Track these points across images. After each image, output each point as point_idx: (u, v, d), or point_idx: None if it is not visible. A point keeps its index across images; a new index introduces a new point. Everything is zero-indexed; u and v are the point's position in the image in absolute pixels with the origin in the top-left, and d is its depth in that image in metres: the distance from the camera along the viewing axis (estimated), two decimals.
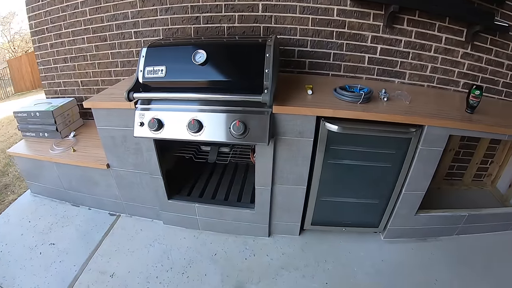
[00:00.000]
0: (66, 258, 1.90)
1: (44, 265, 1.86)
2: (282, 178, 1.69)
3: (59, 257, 1.91)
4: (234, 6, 1.93)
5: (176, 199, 1.89)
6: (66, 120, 2.35)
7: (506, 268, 1.86)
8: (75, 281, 1.75)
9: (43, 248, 1.99)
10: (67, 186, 2.24)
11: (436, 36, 2.02)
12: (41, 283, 1.73)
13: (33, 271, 1.82)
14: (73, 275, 1.78)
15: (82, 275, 1.78)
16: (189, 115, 1.54)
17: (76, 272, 1.80)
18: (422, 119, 1.60)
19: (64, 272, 1.80)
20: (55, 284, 1.73)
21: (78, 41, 2.34)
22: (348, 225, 1.92)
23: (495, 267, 1.86)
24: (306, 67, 2.03)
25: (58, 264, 1.86)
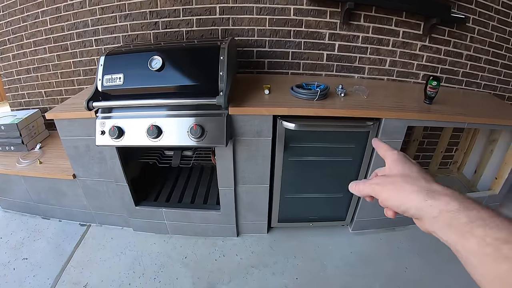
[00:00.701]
0: (39, 272, 1.88)
1: (18, 281, 1.83)
2: (244, 178, 1.71)
3: (33, 271, 1.89)
4: (192, 10, 1.94)
5: (143, 205, 1.89)
6: (32, 132, 2.32)
7: None
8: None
9: (16, 264, 1.96)
10: (36, 199, 2.21)
11: (393, 30, 2.08)
12: None
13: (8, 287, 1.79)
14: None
15: (56, 287, 1.77)
16: (148, 121, 1.54)
17: (50, 285, 1.78)
18: (379, 112, 1.64)
19: (39, 286, 1.78)
20: None
21: (40, 51, 2.31)
22: (315, 220, 1.95)
23: None
24: (266, 67, 2.06)
25: (32, 279, 1.83)
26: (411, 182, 0.40)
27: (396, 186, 0.41)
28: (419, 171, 0.42)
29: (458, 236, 0.33)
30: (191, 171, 2.18)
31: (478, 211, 0.33)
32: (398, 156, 0.46)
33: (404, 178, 0.41)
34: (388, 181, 0.43)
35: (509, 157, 2.08)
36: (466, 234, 0.32)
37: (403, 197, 0.40)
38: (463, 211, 0.33)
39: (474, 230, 0.31)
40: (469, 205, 0.34)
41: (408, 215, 0.40)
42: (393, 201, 0.41)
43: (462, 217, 0.33)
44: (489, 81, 2.38)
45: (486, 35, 2.20)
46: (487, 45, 2.24)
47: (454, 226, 0.33)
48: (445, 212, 0.34)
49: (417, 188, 0.39)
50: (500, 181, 2.17)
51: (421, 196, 0.38)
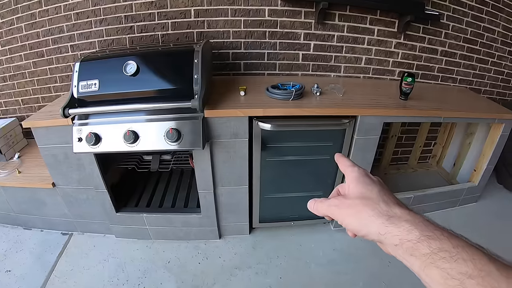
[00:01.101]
0: (23, 283, 1.84)
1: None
2: (223, 180, 1.72)
3: (17, 283, 1.85)
4: (167, 14, 1.94)
5: (124, 211, 1.88)
6: (10, 141, 2.28)
7: None
8: None
9: (0, 276, 1.93)
10: (16, 210, 2.17)
11: (368, 28, 2.11)
12: None
13: None
14: None
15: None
16: (125, 126, 1.54)
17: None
18: (354, 109, 1.67)
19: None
20: None
21: (15, 59, 2.27)
22: (296, 219, 1.97)
23: None
24: (242, 69, 2.07)
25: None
26: (371, 206, 0.38)
27: (355, 210, 0.39)
28: (379, 192, 0.40)
29: (421, 265, 0.32)
30: (171, 175, 2.17)
31: (440, 241, 0.32)
32: (358, 174, 0.44)
33: (364, 201, 0.39)
34: (346, 204, 0.41)
35: (487, 149, 2.13)
36: (429, 266, 0.31)
37: (362, 222, 0.38)
38: (424, 241, 0.32)
39: (437, 262, 0.30)
40: (431, 233, 0.33)
41: (369, 239, 0.39)
42: (353, 225, 0.40)
43: (424, 248, 0.32)
44: (464, 76, 2.43)
45: (460, 31, 2.26)
46: (461, 41, 2.30)
47: (416, 256, 0.32)
48: (406, 241, 0.33)
49: (377, 213, 0.37)
50: (479, 173, 2.22)
51: (381, 223, 0.36)
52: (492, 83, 2.54)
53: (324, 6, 1.89)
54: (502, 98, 2.63)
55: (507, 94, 2.65)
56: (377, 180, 0.43)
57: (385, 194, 0.40)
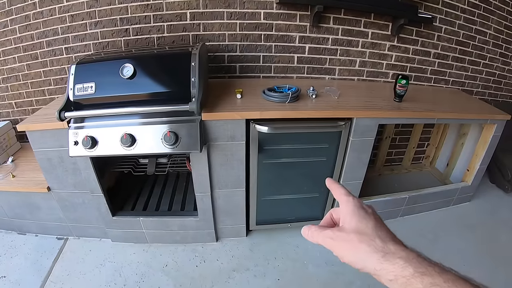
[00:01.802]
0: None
1: None
2: (220, 182, 1.72)
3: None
4: (162, 16, 1.94)
5: (121, 215, 1.87)
6: (3, 145, 2.25)
7: (453, 240, 2.03)
8: None
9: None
10: (11, 215, 2.14)
11: (362, 31, 2.13)
12: None
13: None
14: None
15: None
16: (121, 129, 1.53)
17: None
18: (350, 112, 1.69)
19: None
20: None
21: (9, 61, 2.24)
22: (293, 221, 1.98)
23: (442, 241, 2.01)
24: (237, 71, 2.08)
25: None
26: (367, 242, 0.40)
27: (351, 245, 0.41)
28: (374, 227, 0.41)
29: None
30: (167, 178, 2.16)
31: (432, 277, 0.33)
32: (353, 206, 0.44)
33: (360, 236, 0.40)
34: (342, 238, 0.42)
35: (479, 149, 2.17)
36: None
37: (358, 257, 0.40)
38: (418, 277, 0.34)
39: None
40: (424, 269, 0.34)
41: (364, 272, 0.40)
42: (348, 258, 0.41)
43: (417, 283, 0.34)
44: (457, 78, 2.47)
45: (453, 33, 2.30)
46: (454, 43, 2.34)
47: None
48: (401, 277, 0.35)
49: (372, 249, 0.39)
50: (471, 173, 2.26)
51: (377, 259, 0.38)
52: (484, 84, 2.59)
53: (319, 9, 1.91)
54: (494, 99, 2.68)
55: (499, 95, 2.70)
56: (372, 212, 0.44)
57: (380, 228, 0.41)
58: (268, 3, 1.94)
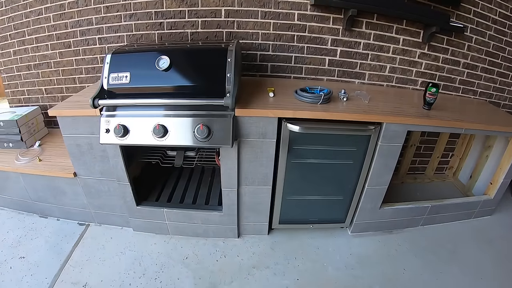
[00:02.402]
0: (37, 271, 1.85)
1: (15, 280, 1.80)
2: (247, 179, 1.73)
3: (30, 270, 1.86)
4: (197, 12, 1.96)
5: (145, 205, 1.89)
6: (31, 129, 2.29)
7: (472, 253, 1.99)
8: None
9: (13, 262, 1.93)
10: (34, 198, 2.19)
11: (394, 37, 2.12)
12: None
13: (4, 286, 1.76)
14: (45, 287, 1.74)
15: (54, 287, 1.74)
16: (154, 120, 1.55)
17: (48, 284, 1.76)
18: (380, 116, 1.68)
19: (36, 285, 1.76)
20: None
21: (42, 48, 2.29)
22: (315, 222, 1.97)
23: (461, 253, 1.98)
24: (268, 70, 2.09)
25: (29, 278, 1.81)
26: None
27: None
28: None
29: None
30: (192, 172, 2.18)
31: None
32: None
33: None
34: None
35: (504, 163, 2.14)
36: None
37: None
38: None
39: None
40: None
41: None
42: None
43: None
44: (485, 89, 2.44)
45: (483, 44, 2.27)
46: (483, 54, 2.31)
47: None
48: None
49: None
50: (495, 186, 2.23)
51: None
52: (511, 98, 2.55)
53: (353, 13, 1.91)
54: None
55: None
56: None
57: None
58: (303, 5, 1.95)
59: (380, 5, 1.97)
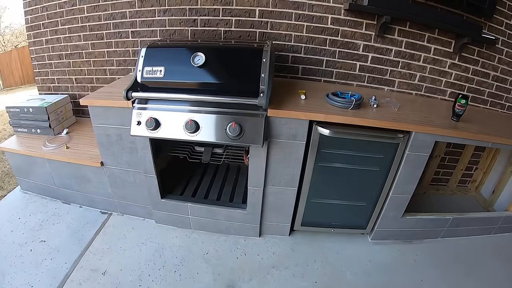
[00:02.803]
0: (57, 255, 1.89)
1: (34, 262, 1.84)
2: (274, 179, 1.74)
3: (50, 254, 1.90)
4: (231, 11, 1.98)
5: (169, 199, 1.91)
6: (60, 117, 2.34)
7: (490, 269, 1.96)
8: (67, 278, 1.74)
9: (34, 245, 1.97)
10: (58, 184, 2.23)
11: (425, 46, 2.11)
12: (32, 280, 1.72)
13: (24, 268, 1.81)
14: (64, 272, 1.78)
15: (73, 272, 1.78)
16: (186, 115, 1.57)
17: (67, 269, 1.80)
18: (410, 125, 1.67)
19: (56, 269, 1.80)
20: (46, 281, 1.72)
21: (74, 38, 2.34)
22: (337, 226, 1.97)
23: (479, 268, 1.95)
24: (299, 73, 2.09)
25: (49, 261, 1.85)
26: None
27: None
28: None
29: None
30: (217, 168, 2.20)
31: None
32: None
33: None
34: None
35: None
36: None
37: None
38: None
39: None
40: None
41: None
42: None
43: None
44: None
45: None
46: None
47: None
48: None
49: None
50: None
51: None
52: None
53: (387, 20, 1.90)
54: None
55: None
56: None
57: None
58: (337, 9, 1.95)
59: (413, 13, 1.96)
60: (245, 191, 1.85)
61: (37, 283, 1.71)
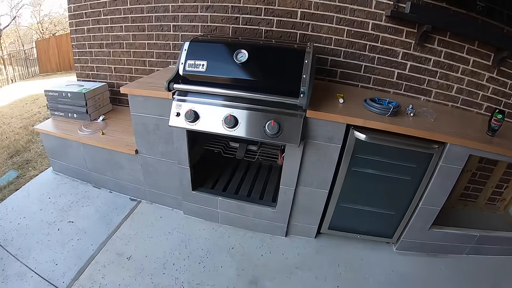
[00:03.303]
0: (84, 236, 1.96)
1: (61, 241, 1.91)
2: (306, 180, 1.75)
3: (77, 235, 1.97)
4: (274, 11, 2.00)
5: (200, 191, 1.95)
6: (97, 103, 2.42)
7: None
8: (92, 259, 1.80)
9: (62, 225, 2.04)
10: (91, 168, 2.31)
11: (464, 58, 2.08)
12: (57, 258, 1.79)
13: (50, 246, 1.87)
14: (90, 253, 1.84)
15: (99, 254, 1.84)
16: (226, 110, 1.60)
17: (93, 251, 1.85)
18: (446, 136, 1.65)
19: (81, 250, 1.86)
20: (71, 261, 1.78)
21: (116, 29, 2.41)
22: (363, 233, 1.96)
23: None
24: (337, 76, 2.09)
25: (75, 242, 1.91)
26: None
27: None
28: None
29: None
30: (249, 165, 2.23)
31: None
32: None
33: None
34: None
35: None
36: None
37: None
38: None
39: None
40: None
41: None
42: None
43: None
44: None
45: None
46: None
47: None
48: None
49: None
50: None
51: None
52: None
53: (428, 29, 1.89)
54: None
55: None
56: None
57: None
58: (378, 15, 1.94)
59: (455, 24, 1.94)
60: (275, 190, 1.87)
61: (62, 261, 1.78)
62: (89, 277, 1.70)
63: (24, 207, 2.21)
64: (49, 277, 1.68)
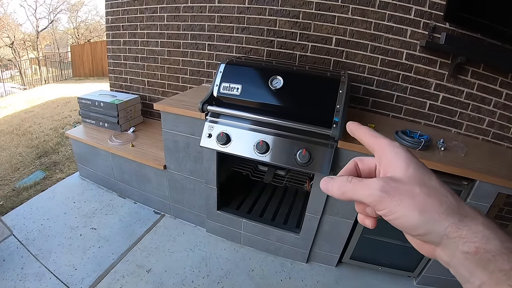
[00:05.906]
0: (105, 245, 2.00)
1: (82, 247, 1.95)
2: (333, 209, 1.74)
3: (99, 242, 2.01)
4: (308, 36, 2.03)
5: (225, 211, 1.97)
6: (128, 115, 2.49)
7: None
8: (111, 268, 1.83)
9: (84, 231, 2.09)
10: (117, 177, 2.37)
11: (497, 90, 2.04)
12: (77, 263, 1.83)
13: (71, 250, 1.92)
14: (110, 262, 1.87)
15: (119, 264, 1.87)
16: (258, 135, 1.62)
17: (113, 260, 1.89)
18: (476, 173, 1.62)
19: (102, 258, 1.89)
20: (90, 267, 1.81)
21: (151, 43, 2.49)
22: (385, 265, 1.93)
23: None
24: (369, 105, 2.09)
25: (96, 249, 1.95)
26: (437, 197, 0.28)
27: (414, 200, 0.29)
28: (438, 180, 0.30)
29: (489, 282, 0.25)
30: (275, 189, 2.24)
31: None
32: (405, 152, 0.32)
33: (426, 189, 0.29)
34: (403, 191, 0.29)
35: None
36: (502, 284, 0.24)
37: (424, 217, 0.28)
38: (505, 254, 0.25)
39: None
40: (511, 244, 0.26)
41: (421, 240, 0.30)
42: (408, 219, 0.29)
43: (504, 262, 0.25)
44: None
45: None
46: None
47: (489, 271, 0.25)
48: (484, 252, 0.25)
49: (446, 208, 0.28)
50: None
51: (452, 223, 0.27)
52: None
53: (462, 60, 1.87)
54: None
55: None
56: None
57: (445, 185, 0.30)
58: (412, 45, 1.94)
59: (489, 55, 1.92)
60: (300, 216, 1.87)
61: (82, 267, 1.81)
62: (107, 285, 1.73)
63: (48, 209, 2.28)
64: (67, 281, 1.72)
